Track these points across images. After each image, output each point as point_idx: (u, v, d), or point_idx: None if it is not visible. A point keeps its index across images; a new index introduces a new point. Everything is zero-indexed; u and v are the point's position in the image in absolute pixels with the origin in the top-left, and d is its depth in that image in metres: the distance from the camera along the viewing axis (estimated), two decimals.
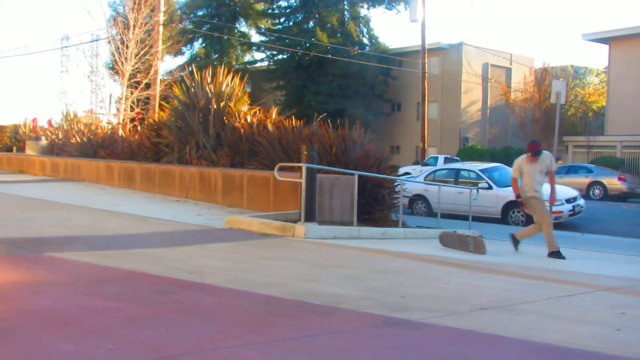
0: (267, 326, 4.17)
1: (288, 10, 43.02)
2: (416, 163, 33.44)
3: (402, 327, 4.27)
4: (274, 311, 4.58)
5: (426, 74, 30.58)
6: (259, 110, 14.24)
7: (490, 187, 15.92)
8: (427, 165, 28.26)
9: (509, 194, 14.25)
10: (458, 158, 31.43)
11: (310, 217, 9.19)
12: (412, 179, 17.68)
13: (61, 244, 7.11)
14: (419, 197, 17.18)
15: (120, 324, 4.01)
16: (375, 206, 11.31)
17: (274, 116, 13.77)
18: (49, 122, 23.86)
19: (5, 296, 4.66)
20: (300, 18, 42.09)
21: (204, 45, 43.53)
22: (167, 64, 36.49)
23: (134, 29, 19.45)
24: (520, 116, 38.56)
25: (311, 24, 41.30)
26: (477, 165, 17.72)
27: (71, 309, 4.34)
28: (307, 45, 39.60)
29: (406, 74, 40.15)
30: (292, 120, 13.08)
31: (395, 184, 11.90)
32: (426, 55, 30.83)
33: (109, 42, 20.82)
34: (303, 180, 9.13)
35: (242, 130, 13.20)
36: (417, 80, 33.66)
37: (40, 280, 5.34)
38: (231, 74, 14.43)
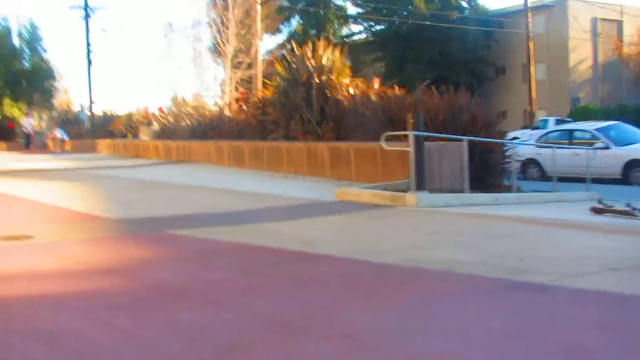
0: (383, 293, 4.13)
1: None
2: (525, 127, 32.25)
3: (527, 290, 4.11)
4: (389, 278, 4.53)
5: (530, 34, 29.35)
6: (361, 81, 14.15)
7: (607, 147, 15.15)
8: (536, 129, 27.20)
9: (629, 152, 13.51)
10: (570, 120, 30.07)
11: (420, 186, 9.04)
12: (524, 142, 17.08)
13: (178, 222, 7.35)
14: (531, 162, 16.58)
15: (237, 295, 4.09)
16: (486, 172, 10.99)
17: (376, 87, 13.64)
18: (159, 109, 24.79)
19: (131, 272, 4.86)
20: None
21: (301, 21, 43.70)
22: (266, 43, 36.98)
23: (232, 9, 19.74)
24: (635, 71, 36.36)
25: None
26: (592, 125, 16.90)
27: (191, 282, 4.46)
28: (405, 13, 38.93)
29: (509, 35, 38.73)
30: (394, 89, 12.92)
31: (506, 148, 11.52)
32: (529, 14, 29.57)
33: (210, 25, 21.27)
34: (411, 149, 8.98)
35: (345, 102, 13.16)
36: (521, 41, 32.41)
37: (161, 256, 5.54)
38: (331, 47, 14.40)
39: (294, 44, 15.16)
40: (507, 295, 4.04)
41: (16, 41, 45.16)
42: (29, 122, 34.05)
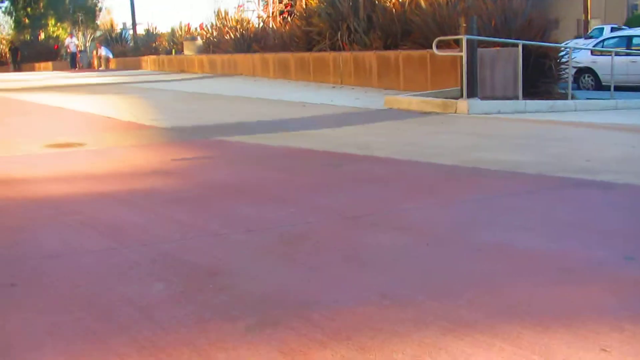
0: (444, 190, 4.01)
1: None
2: (578, 37, 31.00)
3: (594, 188, 3.94)
4: (448, 177, 4.41)
5: None
6: None
7: None
8: (590, 38, 26.11)
9: None
10: (626, 27, 28.74)
11: (472, 93, 8.78)
12: (581, 48, 16.38)
13: (227, 130, 7.28)
14: (585, 70, 15.94)
15: (296, 192, 4.02)
16: (540, 79, 10.59)
17: None
18: (201, 26, 24.50)
19: (185, 173, 4.83)
20: None
21: None
22: None
23: None
24: None
25: None
26: None
27: (246, 181, 4.41)
28: None
29: None
30: None
31: (561, 53, 11.05)
32: None
33: None
34: (463, 54, 8.67)
35: (393, 10, 12.72)
36: None
37: (212, 159, 5.50)
38: None
39: None
40: (574, 192, 3.89)
41: None
42: (73, 41, 34.24)
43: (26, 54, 46.05)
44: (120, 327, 2.02)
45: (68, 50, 34.42)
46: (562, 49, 11.22)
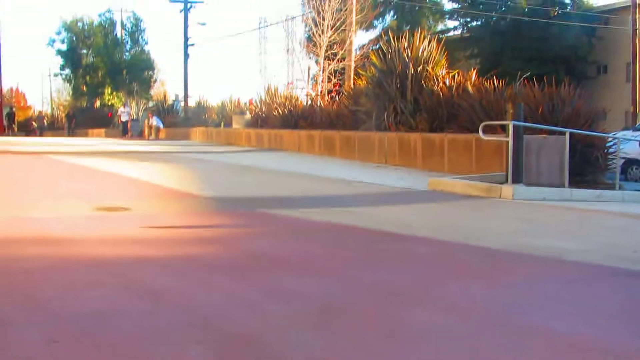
0: (487, 272, 3.96)
1: None
2: (626, 129, 30.78)
3: None
4: (493, 261, 4.35)
5: (637, 31, 27.96)
6: (458, 73, 13.83)
7: None
8: (638, 130, 25.89)
9: None
10: None
11: (517, 178, 8.73)
12: (631, 139, 16.24)
13: (271, 202, 7.37)
14: (634, 161, 15.77)
15: (338, 266, 4.01)
16: (587, 168, 10.50)
17: (473, 78, 13.30)
18: (250, 101, 25.16)
19: (227, 242, 4.88)
20: None
21: (395, 17, 43.35)
22: (359, 38, 36.78)
23: (329, 0, 19.77)
24: None
25: None
26: None
27: (288, 253, 4.43)
28: (503, 9, 37.92)
29: (613, 32, 37.02)
30: (492, 81, 12.55)
31: (609, 144, 10.98)
32: (637, 9, 28.16)
33: (304, 19, 21.39)
34: (510, 139, 8.67)
35: (440, 93, 12.90)
36: (626, 38, 30.91)
37: (256, 230, 5.55)
38: (427, 39, 14.16)
39: (390, 35, 14.98)
40: (620, 281, 3.79)
41: (119, 32, 46.98)
42: (127, 110, 35.45)
43: (81, 120, 47.71)
44: None
45: (119, 120, 35.65)
46: (610, 139, 11.15)
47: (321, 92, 19.75)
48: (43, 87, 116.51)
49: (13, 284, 3.31)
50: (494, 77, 12.91)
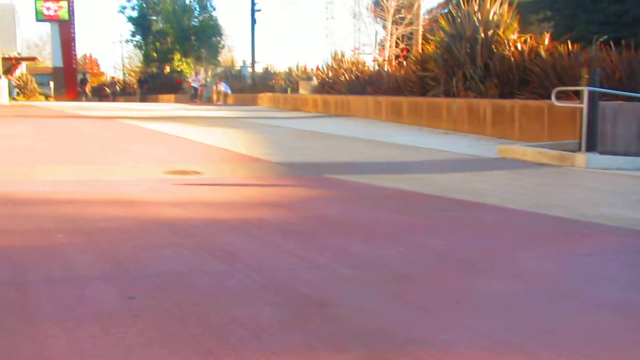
0: (560, 242, 3.88)
1: None
2: None
3: None
4: (564, 230, 4.26)
5: None
6: (530, 37, 13.43)
7: None
8: None
9: None
10: None
11: (591, 147, 8.47)
12: None
13: (338, 168, 7.39)
14: None
15: (406, 232, 4.01)
16: None
17: (546, 42, 12.89)
18: (317, 68, 25.13)
19: (296, 206, 4.93)
20: None
21: None
22: (427, 2, 36.05)
23: None
24: None
25: None
26: None
27: (356, 218, 4.44)
28: None
29: None
30: (567, 45, 12.15)
31: None
32: None
33: None
34: (584, 106, 8.40)
35: (511, 58, 12.58)
36: None
37: (323, 195, 5.58)
38: (498, 2, 13.77)
39: None
40: None
41: None
42: (198, 79, 35.92)
43: (151, 85, 48.76)
44: (232, 347, 2.07)
45: (189, 86, 36.20)
46: None
47: (389, 57, 19.53)
48: (115, 53, 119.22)
49: (90, 243, 3.45)
50: (568, 42, 12.49)
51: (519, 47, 12.86)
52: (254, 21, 39.74)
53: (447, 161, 8.43)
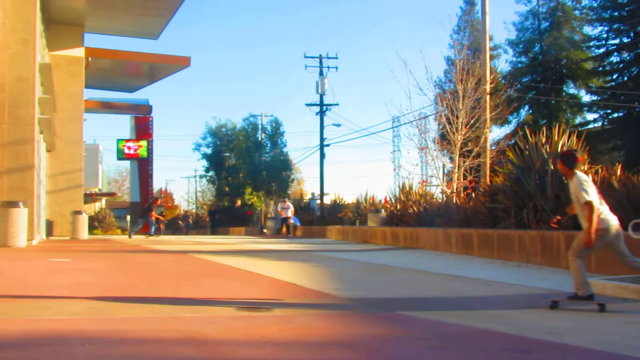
0: None
1: (621, 65, 40.15)
2: None
3: None
4: None
5: None
6: (601, 167, 13.30)
7: None
8: None
9: None
10: None
11: None
12: None
13: (409, 304, 7.28)
14: None
15: None
16: None
17: (618, 172, 12.73)
18: (385, 199, 25.36)
19: (366, 347, 4.85)
20: (636, 72, 38.96)
21: (530, 111, 42.71)
22: (494, 133, 36.39)
23: (462, 99, 19.88)
24: None
25: None
26: None
27: None
28: None
29: None
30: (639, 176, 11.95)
31: None
32: None
33: (437, 117, 21.56)
34: None
35: None
36: None
37: (394, 334, 5.47)
38: (567, 134, 13.83)
39: (527, 131, 14.77)
40: None
41: (260, 136, 49.53)
42: (288, 205, 34.66)
43: (223, 218, 50.04)
44: None
45: (282, 215, 33.77)
46: None
47: (457, 189, 19.59)
48: (189, 187, 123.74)
49: None
50: None
51: (590, 178, 12.71)
52: (322, 155, 40.88)
53: (521, 296, 8.18)
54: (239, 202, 52.21)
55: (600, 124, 41.72)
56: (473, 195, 17.58)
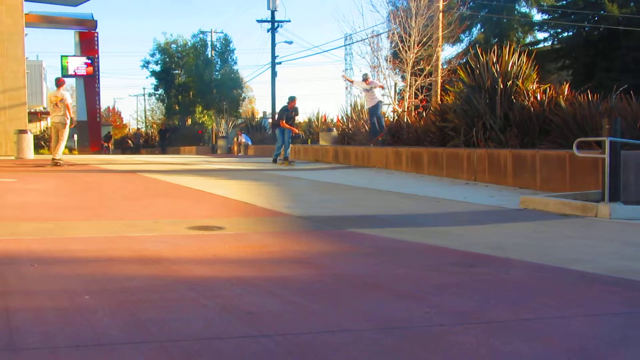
0: (587, 300, 3.84)
1: None
2: None
3: None
4: (592, 286, 4.21)
5: None
6: (549, 87, 13.50)
7: None
8: None
9: None
10: None
11: (614, 197, 8.41)
12: None
13: (359, 221, 7.40)
14: None
15: (429, 291, 3.99)
16: None
17: (566, 92, 12.95)
18: (337, 119, 25.36)
19: (318, 263, 4.94)
20: None
21: (482, 30, 42.65)
22: (446, 52, 36.35)
23: (415, 17, 19.72)
24: None
25: None
26: None
27: (379, 276, 4.44)
28: (596, 18, 36.69)
29: None
30: (586, 95, 12.18)
31: None
32: None
33: (390, 35, 21.38)
34: (606, 156, 8.37)
35: (531, 108, 12.63)
36: None
37: (345, 251, 5.59)
38: (517, 53, 13.91)
39: (478, 49, 14.81)
40: None
41: (210, 53, 48.41)
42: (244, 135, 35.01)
43: (173, 137, 49.39)
44: None
45: (242, 141, 34.58)
46: None
47: (408, 108, 19.68)
48: (138, 105, 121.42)
49: (116, 305, 3.47)
50: (588, 91, 12.54)
51: (539, 97, 12.93)
52: (274, 73, 40.40)
53: (468, 213, 8.40)
54: (189, 121, 51.53)
55: (550, 43, 42.03)
56: (424, 114, 17.71)
